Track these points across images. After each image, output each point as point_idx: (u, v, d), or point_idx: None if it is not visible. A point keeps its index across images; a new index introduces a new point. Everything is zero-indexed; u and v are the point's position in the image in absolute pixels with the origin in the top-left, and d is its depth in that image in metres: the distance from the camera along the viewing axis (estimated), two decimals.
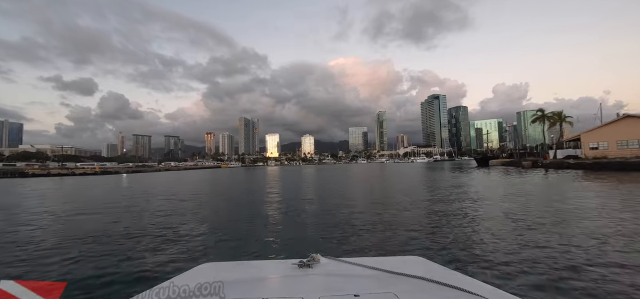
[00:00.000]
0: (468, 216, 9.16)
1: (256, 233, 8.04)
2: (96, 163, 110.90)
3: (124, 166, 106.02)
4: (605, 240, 6.05)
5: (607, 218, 8.08)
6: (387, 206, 11.49)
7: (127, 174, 75.33)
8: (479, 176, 29.16)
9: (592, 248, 5.55)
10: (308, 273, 1.86)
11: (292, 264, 1.97)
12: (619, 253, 5.29)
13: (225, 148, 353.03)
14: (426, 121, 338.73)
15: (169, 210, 12.19)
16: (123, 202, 15.45)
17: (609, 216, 8.37)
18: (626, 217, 8.04)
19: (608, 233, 6.61)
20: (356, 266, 1.94)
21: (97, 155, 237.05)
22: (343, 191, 18.91)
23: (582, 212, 8.99)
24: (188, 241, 7.26)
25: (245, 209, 12.76)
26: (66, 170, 76.92)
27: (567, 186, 17.00)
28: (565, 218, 8.32)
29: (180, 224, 9.12)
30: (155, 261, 5.83)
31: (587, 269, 4.60)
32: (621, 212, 8.86)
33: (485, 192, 15.25)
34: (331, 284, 1.65)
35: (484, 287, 1.61)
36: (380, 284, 1.65)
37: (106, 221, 10.09)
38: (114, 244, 7.11)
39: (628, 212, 8.80)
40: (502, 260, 5.10)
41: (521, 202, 11.44)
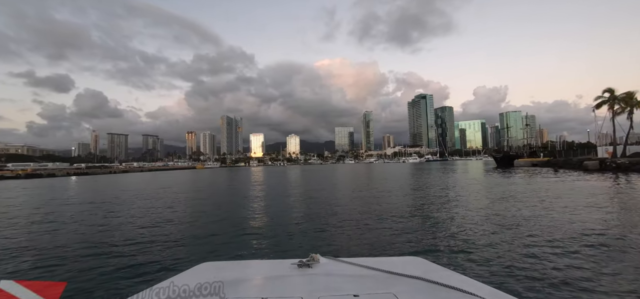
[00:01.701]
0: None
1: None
2: (32, 164, 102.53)
3: (73, 167, 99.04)
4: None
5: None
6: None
7: (77, 176, 70.28)
8: (523, 182, 21.94)
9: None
10: (307, 273, 1.89)
11: (292, 264, 2.00)
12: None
13: (206, 148, 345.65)
14: (413, 120, 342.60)
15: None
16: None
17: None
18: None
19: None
20: (356, 266, 1.97)
21: (64, 156, 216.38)
22: (345, 205, 13.53)
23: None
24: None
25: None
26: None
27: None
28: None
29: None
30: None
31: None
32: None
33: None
34: (330, 284, 1.68)
35: (483, 288, 1.63)
36: (379, 285, 1.67)
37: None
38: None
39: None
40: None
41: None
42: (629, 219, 9.17)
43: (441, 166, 79.65)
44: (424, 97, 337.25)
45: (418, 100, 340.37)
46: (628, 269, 5.11)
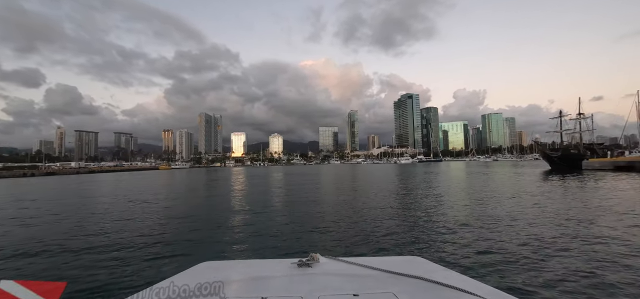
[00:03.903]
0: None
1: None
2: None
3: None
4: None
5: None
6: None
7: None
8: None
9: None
10: (307, 273, 1.93)
11: (292, 263, 2.05)
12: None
13: (182, 147, 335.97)
14: (399, 121, 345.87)
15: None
16: None
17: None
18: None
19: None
20: (355, 266, 2.01)
21: (14, 155, 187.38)
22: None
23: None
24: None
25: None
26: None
27: None
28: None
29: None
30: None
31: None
32: None
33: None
34: (330, 284, 1.71)
35: (483, 287, 1.66)
36: (379, 284, 1.71)
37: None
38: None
39: None
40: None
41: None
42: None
43: (437, 166, 76.06)
44: (411, 96, 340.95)
45: (404, 100, 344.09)
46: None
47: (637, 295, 4.53)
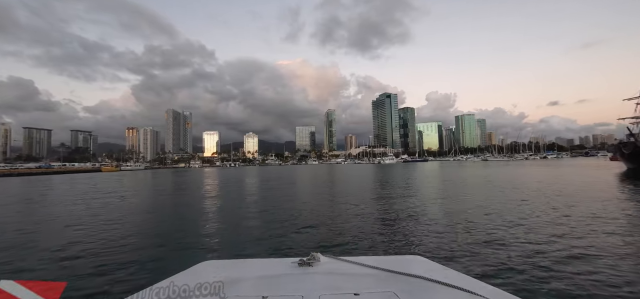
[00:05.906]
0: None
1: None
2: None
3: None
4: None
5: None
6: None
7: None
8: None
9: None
10: (308, 272, 1.97)
11: (292, 262, 2.09)
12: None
13: (147, 146, 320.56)
14: (377, 120, 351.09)
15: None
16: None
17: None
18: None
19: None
20: (356, 265, 2.06)
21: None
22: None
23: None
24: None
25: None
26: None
27: None
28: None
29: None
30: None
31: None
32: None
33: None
34: (331, 283, 1.75)
35: (484, 287, 1.69)
36: (380, 283, 1.74)
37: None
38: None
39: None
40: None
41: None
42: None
43: (449, 168, 68.78)
44: (389, 96, 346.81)
45: (382, 99, 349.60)
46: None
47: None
